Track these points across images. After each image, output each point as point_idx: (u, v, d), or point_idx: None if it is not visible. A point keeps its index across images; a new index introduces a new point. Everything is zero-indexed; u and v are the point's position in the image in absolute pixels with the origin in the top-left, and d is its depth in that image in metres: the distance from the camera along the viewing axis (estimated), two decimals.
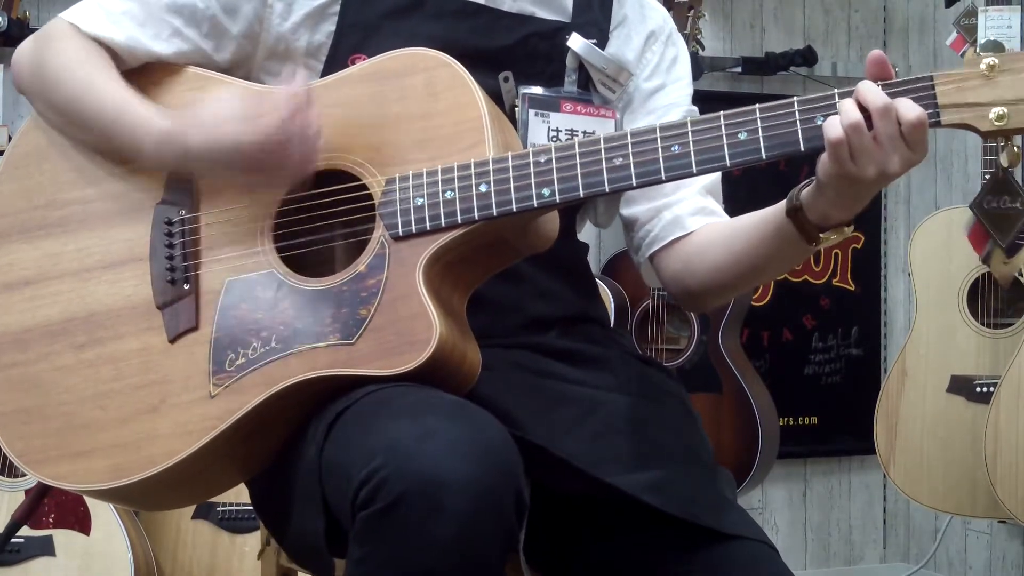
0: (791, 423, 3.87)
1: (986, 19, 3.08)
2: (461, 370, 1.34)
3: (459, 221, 1.34)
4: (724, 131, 1.31)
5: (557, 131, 1.53)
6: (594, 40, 1.55)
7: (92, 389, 1.43)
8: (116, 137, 1.45)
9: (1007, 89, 1.26)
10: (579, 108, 1.54)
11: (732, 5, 3.89)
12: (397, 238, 1.35)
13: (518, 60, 1.52)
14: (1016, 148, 1.30)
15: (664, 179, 1.33)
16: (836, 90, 1.30)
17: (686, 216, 1.58)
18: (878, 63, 1.30)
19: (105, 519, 2.83)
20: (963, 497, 3.14)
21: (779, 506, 3.95)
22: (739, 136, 1.31)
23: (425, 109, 1.37)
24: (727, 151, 1.31)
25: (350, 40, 1.49)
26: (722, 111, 1.32)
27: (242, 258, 1.41)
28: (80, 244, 1.47)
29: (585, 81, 1.56)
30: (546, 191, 1.33)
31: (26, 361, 1.46)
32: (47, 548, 2.82)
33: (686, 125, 1.32)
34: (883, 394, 3.27)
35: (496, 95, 1.48)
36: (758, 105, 1.31)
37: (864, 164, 1.28)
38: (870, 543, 4.06)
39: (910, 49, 4.05)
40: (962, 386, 3.16)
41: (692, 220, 1.58)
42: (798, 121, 1.30)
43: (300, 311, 1.36)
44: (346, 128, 1.40)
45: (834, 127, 1.27)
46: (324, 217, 1.40)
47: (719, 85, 3.81)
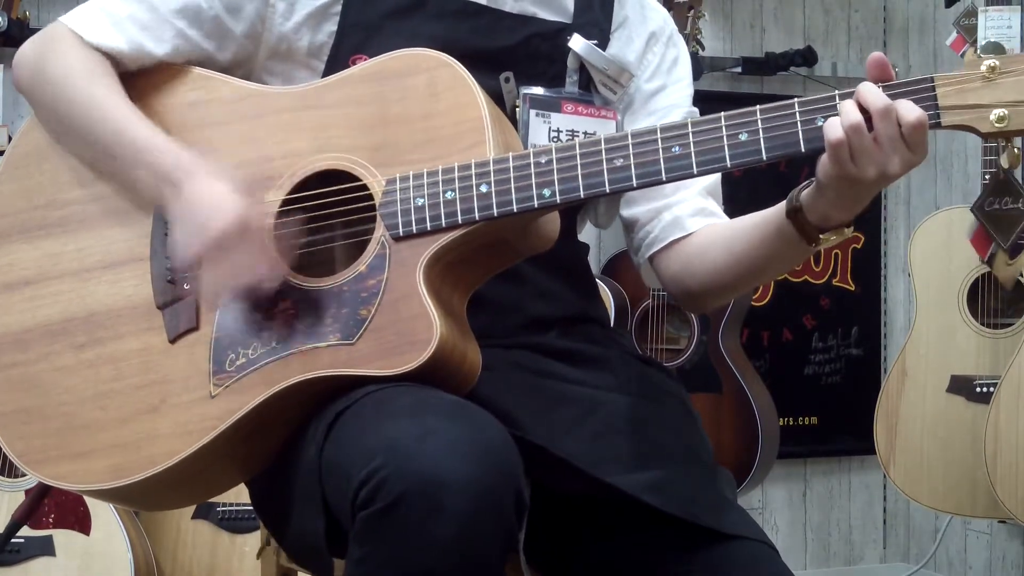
0: (791, 423, 3.87)
1: (986, 19, 3.08)
2: (461, 370, 1.34)
3: (459, 221, 1.34)
4: (725, 132, 1.31)
5: (558, 132, 1.52)
6: (595, 41, 1.55)
7: (92, 389, 1.43)
8: (112, 154, 1.45)
9: (1008, 91, 1.26)
10: (580, 109, 1.54)
11: (732, 5, 3.89)
12: (398, 238, 1.35)
13: (519, 61, 1.52)
14: (1016, 149, 1.30)
15: (665, 180, 1.32)
16: (837, 91, 1.30)
17: (686, 217, 1.58)
18: (879, 65, 1.30)
19: (105, 519, 2.83)
20: (963, 497, 3.14)
21: (779, 506, 3.95)
22: (740, 137, 1.31)
23: (426, 109, 1.37)
24: (728, 152, 1.31)
25: (352, 40, 1.49)
26: (723, 112, 1.32)
27: None
28: (80, 244, 1.47)
29: (586, 82, 1.56)
30: (547, 191, 1.33)
31: (26, 361, 1.46)
32: (47, 548, 2.82)
33: (687, 126, 1.32)
34: (883, 394, 3.27)
35: (497, 95, 1.48)
36: (759, 106, 1.31)
37: (864, 165, 1.28)
38: (870, 543, 4.06)
39: (910, 49, 4.05)
40: (962, 386, 3.16)
41: (692, 221, 1.58)
42: (799, 122, 1.29)
43: (300, 311, 1.36)
44: (347, 128, 1.40)
45: (834, 128, 1.27)
46: (325, 217, 1.40)
47: (719, 85, 3.81)
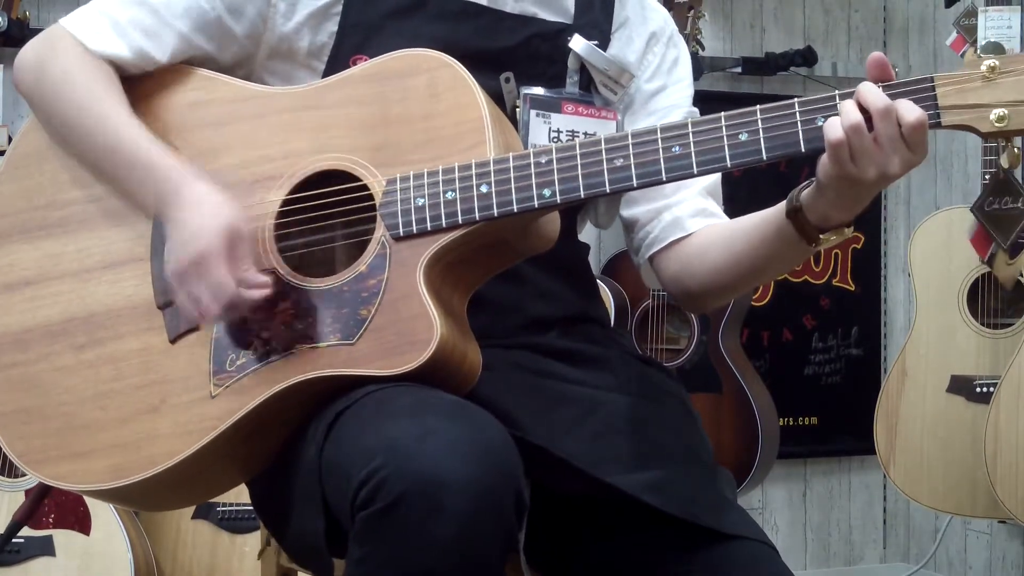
0: (791, 423, 3.87)
1: (986, 19, 3.08)
2: (461, 370, 1.34)
3: (460, 221, 1.34)
4: (725, 132, 1.31)
5: (558, 132, 1.52)
6: (596, 42, 1.55)
7: (92, 389, 1.43)
8: (113, 168, 1.45)
9: (1008, 90, 1.26)
10: (580, 109, 1.54)
11: (732, 5, 3.89)
12: (398, 238, 1.35)
13: (520, 61, 1.52)
14: (1016, 149, 1.30)
15: (665, 180, 1.32)
16: (837, 91, 1.30)
17: (686, 217, 1.58)
18: (879, 65, 1.30)
19: (105, 519, 2.83)
20: (963, 497, 3.14)
21: (779, 506, 3.95)
22: (740, 137, 1.31)
23: (426, 110, 1.37)
24: (728, 152, 1.31)
25: (352, 40, 1.49)
26: (723, 112, 1.32)
27: None
28: (80, 244, 1.47)
29: (587, 82, 1.56)
30: (547, 191, 1.33)
31: (26, 361, 1.46)
32: (47, 548, 2.82)
33: (687, 126, 1.32)
34: (883, 394, 3.27)
35: (497, 96, 1.48)
36: (759, 106, 1.31)
37: (864, 165, 1.28)
38: (870, 543, 4.06)
39: (910, 49, 4.05)
40: (962, 386, 3.16)
41: (692, 221, 1.58)
42: (799, 122, 1.29)
43: (301, 311, 1.36)
44: (347, 128, 1.40)
45: (834, 128, 1.27)
46: (325, 217, 1.40)
47: (719, 85, 3.81)
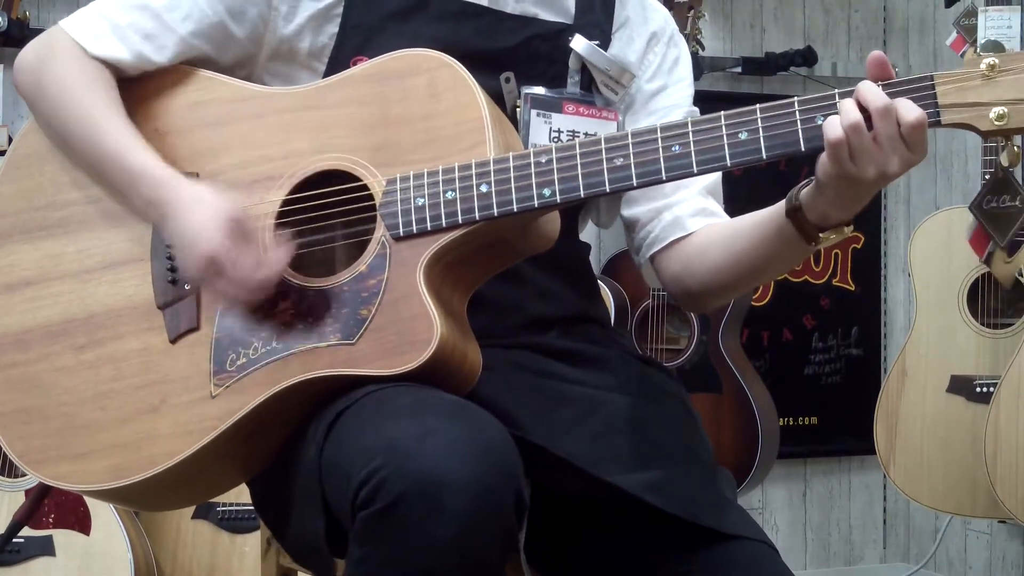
0: (791, 423, 3.87)
1: (986, 19, 3.08)
2: (462, 370, 1.34)
3: (460, 221, 1.34)
4: (725, 131, 1.31)
5: (559, 132, 1.52)
6: (596, 41, 1.55)
7: (92, 389, 1.43)
8: (108, 176, 1.45)
9: (1007, 89, 1.26)
10: (581, 109, 1.54)
11: (732, 5, 3.89)
12: (398, 238, 1.35)
13: (520, 61, 1.52)
14: (1016, 148, 1.30)
15: (665, 179, 1.32)
16: (836, 90, 1.30)
17: (686, 217, 1.58)
18: (879, 64, 1.30)
19: (105, 519, 2.83)
20: (963, 497, 3.14)
21: (779, 506, 3.95)
22: (740, 136, 1.31)
23: (426, 110, 1.37)
24: (728, 151, 1.31)
25: (353, 41, 1.49)
26: (723, 111, 1.32)
27: None
28: (81, 245, 1.47)
29: (588, 82, 1.56)
30: (547, 191, 1.33)
31: (26, 361, 1.46)
32: (47, 548, 2.82)
33: (687, 125, 1.32)
34: (883, 394, 3.27)
35: (498, 96, 1.48)
36: (759, 105, 1.31)
37: (864, 164, 1.28)
38: (870, 543, 4.06)
39: (910, 49, 4.05)
40: (962, 386, 3.16)
41: (692, 221, 1.58)
42: (799, 121, 1.29)
43: (301, 311, 1.36)
44: (348, 128, 1.40)
45: (834, 127, 1.27)
46: (325, 217, 1.40)
47: (719, 85, 3.81)
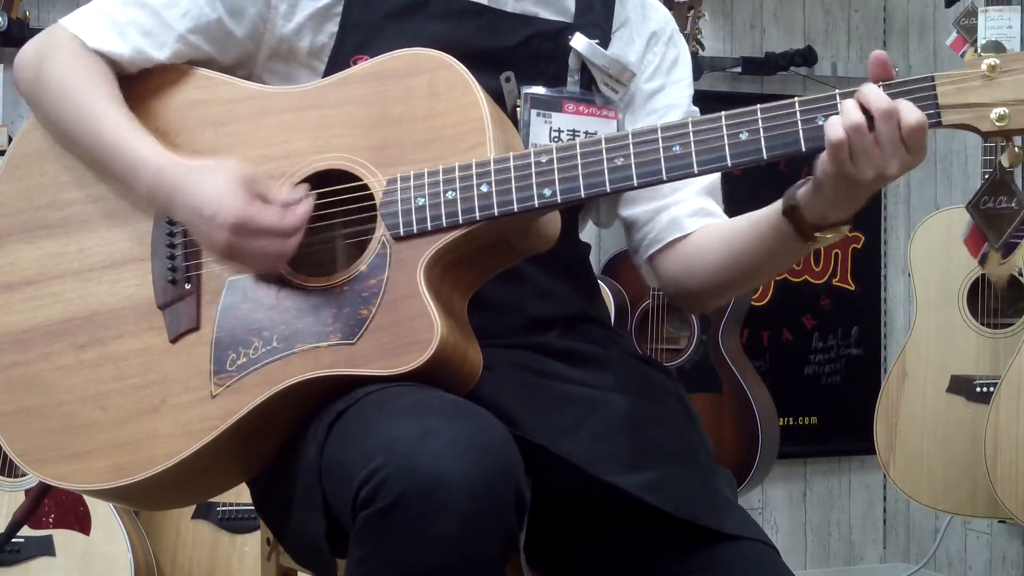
0: (791, 423, 3.87)
1: (986, 19, 3.08)
2: (462, 370, 1.34)
3: (460, 221, 1.34)
4: (725, 131, 1.31)
5: (559, 131, 1.52)
6: (597, 40, 1.55)
7: (93, 389, 1.43)
8: (110, 167, 1.45)
9: (1008, 89, 1.26)
10: (581, 108, 1.54)
11: (732, 5, 3.89)
12: (398, 238, 1.35)
13: (520, 60, 1.52)
14: (1017, 148, 1.30)
15: (665, 179, 1.33)
16: (837, 91, 1.30)
17: (684, 217, 1.58)
18: (880, 63, 1.30)
19: (105, 519, 2.83)
20: (963, 497, 3.14)
21: (779, 506, 3.95)
22: (740, 136, 1.31)
23: (427, 110, 1.37)
24: (728, 151, 1.31)
25: (353, 40, 1.49)
26: (723, 111, 1.32)
27: None
28: (81, 244, 1.47)
29: (588, 81, 1.56)
30: (547, 191, 1.33)
31: (27, 361, 1.46)
32: (47, 548, 2.82)
33: (687, 125, 1.32)
34: (883, 394, 3.27)
35: (498, 95, 1.48)
36: (759, 105, 1.31)
37: (863, 165, 1.28)
38: (870, 543, 4.06)
39: (910, 49, 4.05)
40: (962, 386, 3.16)
41: (691, 221, 1.58)
42: (799, 121, 1.29)
43: (301, 311, 1.36)
44: (348, 128, 1.40)
45: (835, 128, 1.27)
46: (325, 217, 1.40)
47: (719, 85, 3.81)
